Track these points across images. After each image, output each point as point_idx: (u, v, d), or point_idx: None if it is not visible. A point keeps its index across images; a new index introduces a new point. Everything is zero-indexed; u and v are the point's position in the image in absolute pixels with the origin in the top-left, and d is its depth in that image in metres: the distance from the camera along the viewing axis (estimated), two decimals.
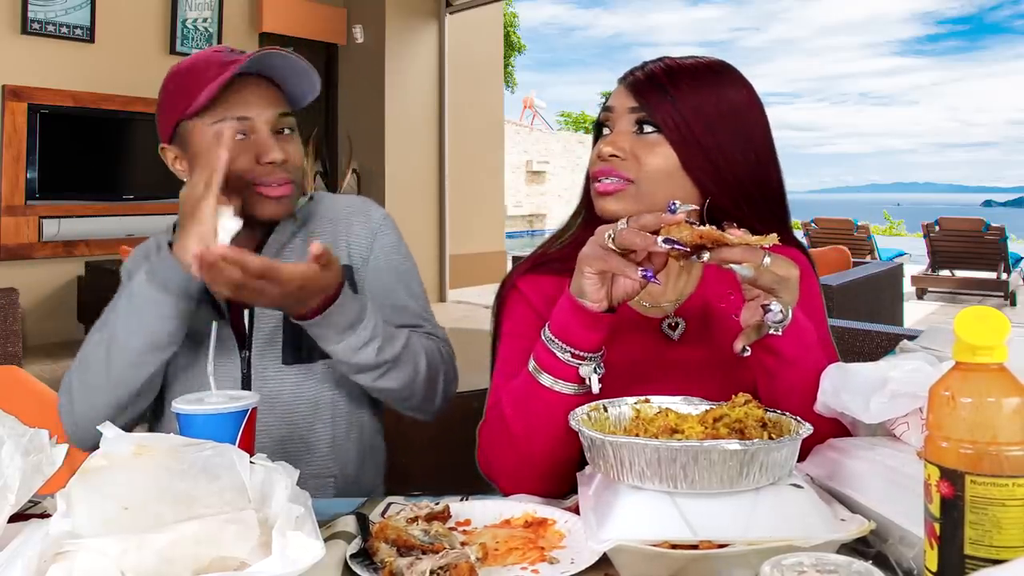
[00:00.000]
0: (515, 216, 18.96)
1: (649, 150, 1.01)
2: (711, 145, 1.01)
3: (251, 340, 1.21)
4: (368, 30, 6.63)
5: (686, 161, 1.01)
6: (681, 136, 1.01)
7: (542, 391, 0.93)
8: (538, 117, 28.31)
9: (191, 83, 1.15)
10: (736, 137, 1.03)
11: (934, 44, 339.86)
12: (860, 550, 0.75)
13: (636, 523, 0.73)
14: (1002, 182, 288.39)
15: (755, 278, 0.85)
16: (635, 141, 1.02)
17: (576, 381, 0.92)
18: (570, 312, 0.91)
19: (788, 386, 0.92)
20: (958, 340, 0.59)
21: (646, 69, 1.05)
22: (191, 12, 5.69)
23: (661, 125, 1.01)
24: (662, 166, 1.01)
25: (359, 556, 0.76)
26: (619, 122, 1.04)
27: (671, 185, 1.01)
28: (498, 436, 1.00)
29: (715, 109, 1.02)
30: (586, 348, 0.91)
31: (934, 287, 8.82)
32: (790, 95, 42.29)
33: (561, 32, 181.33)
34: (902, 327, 3.40)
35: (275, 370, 1.20)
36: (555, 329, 0.92)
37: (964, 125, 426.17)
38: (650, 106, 1.01)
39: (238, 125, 1.15)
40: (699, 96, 1.02)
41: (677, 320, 1.08)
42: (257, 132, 1.16)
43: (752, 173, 1.04)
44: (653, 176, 1.01)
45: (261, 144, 1.16)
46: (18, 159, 4.96)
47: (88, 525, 0.65)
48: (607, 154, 1.02)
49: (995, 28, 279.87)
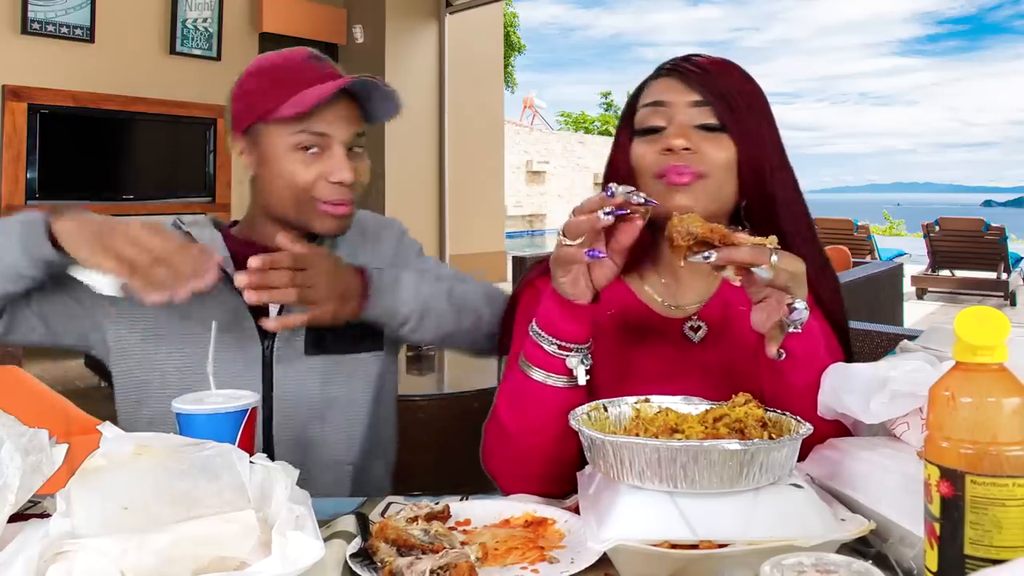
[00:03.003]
0: (515, 216, 18.96)
1: (715, 144, 1.00)
2: (763, 144, 1.02)
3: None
4: (368, 30, 6.63)
5: (742, 157, 1.01)
6: (741, 132, 1.00)
7: (533, 385, 0.94)
8: (538, 117, 28.32)
9: (278, 87, 1.15)
10: (776, 139, 1.05)
11: (934, 44, 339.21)
12: (860, 550, 0.75)
13: (636, 523, 0.73)
14: (1002, 182, 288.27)
15: (773, 278, 0.84)
16: (698, 135, 1.00)
17: (564, 373, 0.93)
18: (554, 304, 0.92)
19: (795, 385, 0.92)
20: (958, 340, 0.59)
21: (694, 63, 1.04)
22: (191, 12, 5.69)
23: (726, 120, 1.00)
24: (725, 161, 1.00)
25: (359, 556, 0.76)
26: (678, 115, 1.01)
27: (730, 181, 1.01)
28: (495, 434, 1.01)
29: (762, 108, 1.04)
30: (571, 339, 0.92)
31: (934, 287, 8.82)
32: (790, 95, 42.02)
33: (561, 32, 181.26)
34: (902, 327, 3.40)
35: (297, 360, 1.20)
36: (541, 322, 0.94)
37: (964, 125, 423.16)
38: (714, 100, 1.00)
39: (312, 139, 1.15)
40: (751, 95, 1.03)
41: (699, 323, 1.07)
42: (331, 150, 1.17)
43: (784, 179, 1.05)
44: (721, 170, 1.00)
45: (333, 163, 1.16)
46: (18, 159, 4.96)
47: (88, 525, 0.65)
48: (679, 147, 0.99)
49: (995, 28, 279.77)
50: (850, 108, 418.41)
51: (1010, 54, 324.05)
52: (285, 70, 1.18)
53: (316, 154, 1.16)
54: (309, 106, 1.13)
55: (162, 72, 5.48)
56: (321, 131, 1.16)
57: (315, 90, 1.14)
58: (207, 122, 5.61)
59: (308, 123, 1.15)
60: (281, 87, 1.15)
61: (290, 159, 1.16)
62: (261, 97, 1.17)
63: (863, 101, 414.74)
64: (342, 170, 1.16)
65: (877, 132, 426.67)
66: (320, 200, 1.17)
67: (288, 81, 1.16)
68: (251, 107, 1.18)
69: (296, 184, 1.16)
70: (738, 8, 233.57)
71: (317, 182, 1.16)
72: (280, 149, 1.16)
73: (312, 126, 1.15)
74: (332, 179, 1.16)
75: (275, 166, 1.17)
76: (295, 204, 1.17)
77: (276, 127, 1.16)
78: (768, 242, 0.84)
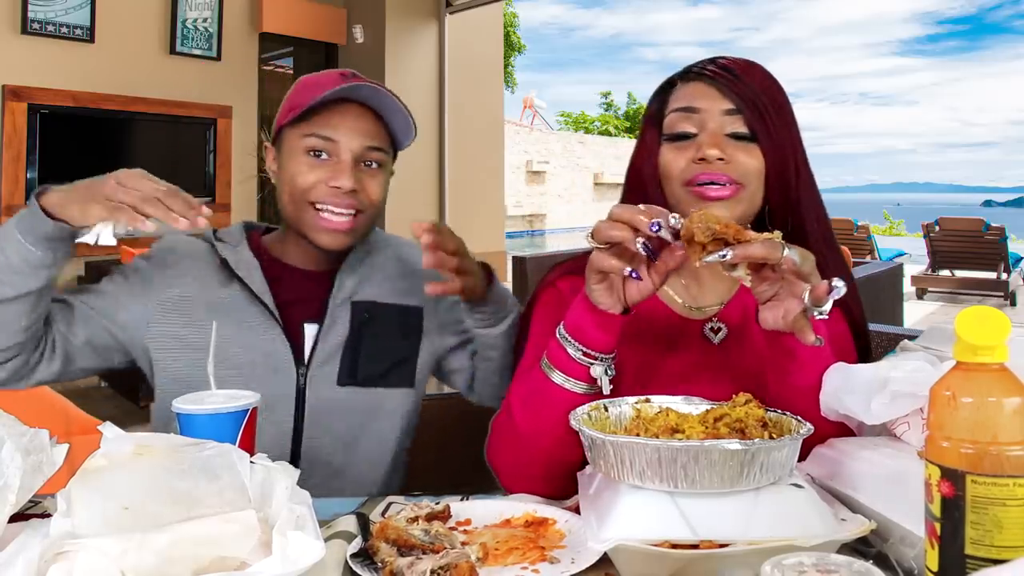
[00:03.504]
0: (515, 216, 18.95)
1: (746, 153, 1.00)
2: (789, 149, 1.02)
3: (312, 357, 1.20)
4: (368, 30, 6.63)
5: (770, 165, 1.01)
6: (770, 140, 1.00)
7: (552, 388, 0.94)
8: (538, 117, 28.32)
9: (304, 95, 1.17)
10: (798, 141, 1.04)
11: (934, 44, 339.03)
12: (860, 550, 0.75)
13: (636, 523, 0.73)
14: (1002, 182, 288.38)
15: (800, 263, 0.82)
16: (729, 144, 1.00)
17: (586, 380, 0.93)
18: (584, 311, 0.92)
19: (800, 385, 0.91)
20: (959, 340, 0.59)
21: (725, 67, 1.03)
22: (191, 12, 5.68)
23: (756, 129, 1.00)
24: (756, 169, 1.00)
25: (359, 556, 0.76)
26: (711, 123, 1.01)
27: (760, 188, 1.01)
28: (505, 431, 1.00)
29: (788, 112, 1.04)
30: (598, 348, 0.92)
31: (934, 287, 8.82)
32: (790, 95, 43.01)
33: (561, 32, 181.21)
34: (902, 327, 3.40)
35: (329, 390, 1.20)
36: (569, 327, 0.93)
37: (964, 125, 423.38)
38: (748, 109, 1.00)
39: (321, 143, 1.16)
40: (777, 100, 1.03)
41: (719, 325, 1.07)
42: (337, 156, 1.17)
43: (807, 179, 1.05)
44: (753, 179, 1.00)
45: (337, 169, 1.16)
46: (18, 159, 4.95)
47: (88, 525, 0.65)
48: (714, 157, 0.98)
49: (995, 28, 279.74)
50: (850, 108, 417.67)
51: (1010, 54, 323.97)
52: (315, 83, 1.19)
53: (324, 160, 1.17)
54: (307, 102, 1.13)
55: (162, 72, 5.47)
56: (328, 135, 1.16)
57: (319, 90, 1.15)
58: (207, 122, 5.61)
59: (316, 126, 1.16)
60: (308, 93, 1.17)
61: (298, 161, 1.17)
62: (287, 104, 1.20)
63: (863, 101, 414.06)
64: (342, 176, 1.15)
65: (877, 132, 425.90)
66: (317, 205, 1.16)
67: (312, 86, 1.17)
68: (280, 115, 1.21)
69: (297, 186, 1.16)
70: (738, 8, 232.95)
71: (317, 185, 1.16)
72: (292, 151, 1.18)
73: (320, 129, 1.16)
74: (331, 184, 1.15)
75: (286, 168, 1.19)
76: (296, 209, 1.18)
77: (291, 130, 1.18)
78: (775, 236, 0.83)
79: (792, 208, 1.03)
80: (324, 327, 1.21)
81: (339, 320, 1.22)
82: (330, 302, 1.22)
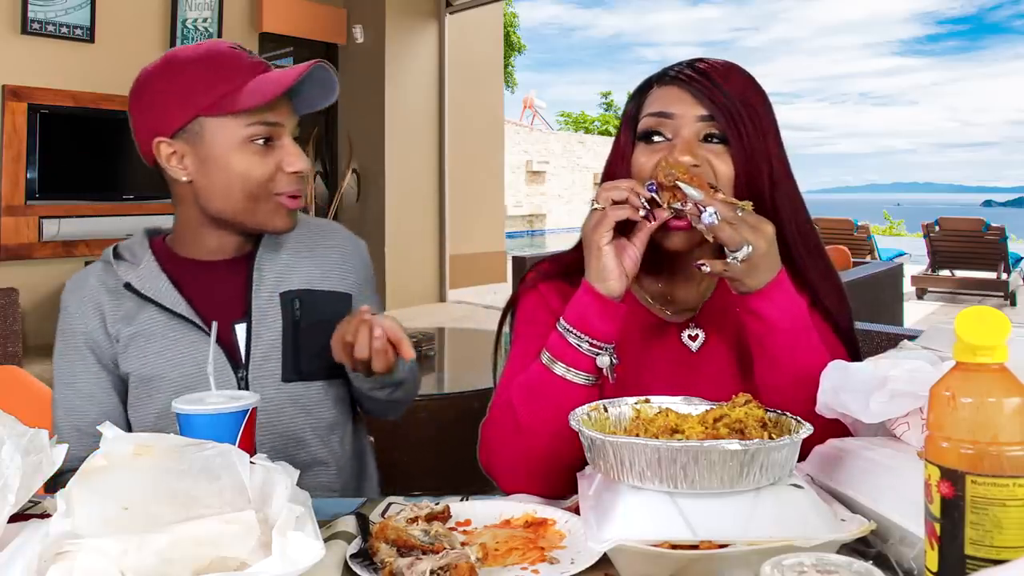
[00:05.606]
0: (515, 216, 18.95)
1: (717, 158, 1.00)
2: (763, 159, 1.01)
3: (248, 358, 1.17)
4: (368, 30, 6.62)
5: (740, 174, 1.00)
6: (742, 148, 1.00)
7: (555, 380, 0.95)
8: (538, 117, 28.30)
9: (214, 77, 1.09)
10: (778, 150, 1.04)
11: (934, 44, 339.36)
12: (860, 550, 0.75)
13: (636, 523, 0.73)
14: (1002, 182, 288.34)
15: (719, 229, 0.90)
16: (702, 148, 1.00)
17: (590, 371, 0.95)
18: (587, 301, 0.94)
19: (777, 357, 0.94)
20: (959, 340, 0.59)
21: (702, 71, 1.02)
22: (191, 12, 5.68)
23: (730, 137, 1.00)
24: (729, 176, 1.00)
25: (359, 556, 0.76)
26: (684, 129, 1.00)
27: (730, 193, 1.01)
28: (503, 430, 1.00)
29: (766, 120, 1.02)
30: (602, 337, 0.94)
31: (934, 287, 8.82)
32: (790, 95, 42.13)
33: (561, 32, 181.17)
34: (902, 327, 3.40)
35: (274, 388, 1.17)
36: (572, 318, 0.95)
37: (964, 125, 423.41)
38: (722, 116, 0.99)
39: (267, 130, 1.11)
40: (755, 107, 1.02)
41: (697, 332, 1.08)
42: (280, 140, 1.13)
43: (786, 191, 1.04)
44: (725, 186, 1.00)
45: (286, 153, 1.13)
46: (18, 159, 4.95)
47: (88, 525, 0.65)
48: (689, 164, 0.98)
49: (995, 28, 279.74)
50: (850, 108, 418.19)
51: (1010, 54, 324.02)
52: (220, 63, 1.11)
53: (267, 146, 1.12)
54: (271, 96, 1.08)
55: None
56: (275, 121, 1.12)
57: (275, 76, 1.10)
58: None
59: (264, 114, 1.10)
60: (220, 78, 1.09)
61: (242, 153, 1.10)
62: (204, 89, 1.09)
63: (863, 101, 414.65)
64: (298, 159, 1.13)
65: (877, 132, 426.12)
66: (277, 193, 1.13)
67: (231, 70, 1.10)
68: (189, 102, 1.10)
69: (252, 179, 1.11)
70: (738, 8, 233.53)
71: (276, 175, 1.12)
72: (230, 144, 1.10)
73: (267, 117, 1.11)
74: (289, 169, 1.13)
75: (224, 163, 1.11)
76: (251, 202, 1.12)
77: (224, 120, 1.09)
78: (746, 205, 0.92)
79: (767, 215, 1.03)
80: (253, 324, 1.17)
81: (268, 314, 1.18)
82: (252, 298, 1.18)
